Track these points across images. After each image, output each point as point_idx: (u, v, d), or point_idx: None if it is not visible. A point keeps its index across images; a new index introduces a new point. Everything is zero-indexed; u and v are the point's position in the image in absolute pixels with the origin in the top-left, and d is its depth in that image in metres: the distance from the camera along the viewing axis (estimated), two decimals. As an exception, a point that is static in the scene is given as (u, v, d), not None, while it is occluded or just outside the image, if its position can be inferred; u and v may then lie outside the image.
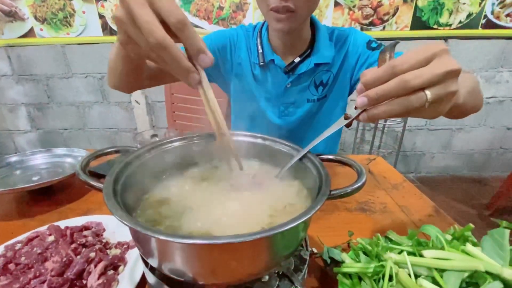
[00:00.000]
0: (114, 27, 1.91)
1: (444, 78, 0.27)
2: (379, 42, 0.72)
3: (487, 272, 0.29)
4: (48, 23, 1.94)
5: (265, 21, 0.74)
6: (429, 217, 0.54)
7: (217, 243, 0.20)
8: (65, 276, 0.35)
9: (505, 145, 2.25)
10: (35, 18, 1.94)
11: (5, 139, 2.36)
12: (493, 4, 1.82)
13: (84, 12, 1.90)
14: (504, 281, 0.28)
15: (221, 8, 1.83)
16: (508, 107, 2.11)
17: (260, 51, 0.72)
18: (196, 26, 1.87)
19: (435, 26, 1.86)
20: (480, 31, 1.87)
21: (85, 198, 0.60)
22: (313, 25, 0.73)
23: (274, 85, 0.75)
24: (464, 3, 1.81)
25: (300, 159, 0.37)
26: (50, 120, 2.27)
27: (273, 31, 0.70)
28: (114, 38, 1.93)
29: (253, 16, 1.83)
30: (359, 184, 0.29)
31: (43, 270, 0.35)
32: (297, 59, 0.71)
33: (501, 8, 1.83)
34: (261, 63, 0.72)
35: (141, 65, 0.52)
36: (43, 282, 0.34)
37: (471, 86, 0.44)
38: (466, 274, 0.29)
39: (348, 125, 0.34)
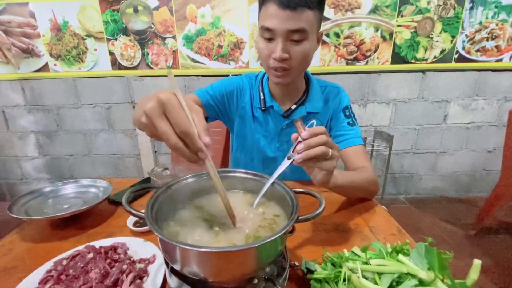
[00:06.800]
0: (123, 63, 2.10)
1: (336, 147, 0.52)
2: (350, 112, 0.91)
3: (410, 274, 0.41)
4: (62, 59, 2.12)
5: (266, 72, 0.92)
6: (391, 236, 0.66)
7: (222, 251, 0.32)
8: (104, 283, 0.46)
9: (488, 167, 2.38)
10: (50, 54, 2.11)
11: (12, 165, 2.44)
12: (463, 41, 2.04)
13: (96, 50, 2.09)
14: (420, 280, 0.40)
15: (220, 46, 2.03)
16: (486, 131, 2.27)
17: (262, 97, 0.89)
18: (198, 62, 2.07)
19: (412, 61, 2.06)
20: (453, 65, 2.08)
21: (107, 223, 0.72)
22: (306, 77, 0.92)
23: (272, 126, 0.91)
24: (437, 41, 2.03)
25: (281, 191, 0.50)
26: (58, 147, 2.37)
27: (273, 83, 0.87)
28: (121, 72, 2.11)
29: (249, 53, 2.03)
30: (318, 211, 0.42)
31: (88, 279, 0.46)
32: (293, 106, 0.89)
33: (471, 44, 2.05)
34: (263, 108, 0.89)
35: None
36: (90, 287, 0.45)
37: (357, 179, 0.74)
38: (396, 275, 0.41)
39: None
